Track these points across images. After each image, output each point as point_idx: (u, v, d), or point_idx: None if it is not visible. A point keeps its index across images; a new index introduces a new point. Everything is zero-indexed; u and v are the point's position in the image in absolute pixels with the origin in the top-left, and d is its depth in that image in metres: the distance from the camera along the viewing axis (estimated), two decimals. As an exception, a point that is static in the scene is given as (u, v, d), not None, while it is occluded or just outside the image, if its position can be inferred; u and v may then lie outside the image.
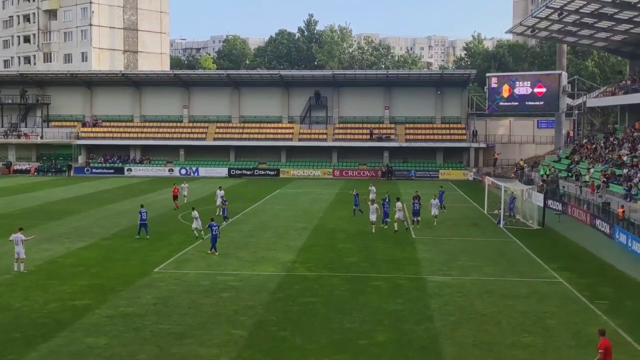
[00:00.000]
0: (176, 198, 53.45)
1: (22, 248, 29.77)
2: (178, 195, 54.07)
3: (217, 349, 20.18)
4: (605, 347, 16.62)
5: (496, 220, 45.62)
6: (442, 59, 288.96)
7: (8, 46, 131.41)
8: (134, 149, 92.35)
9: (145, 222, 39.02)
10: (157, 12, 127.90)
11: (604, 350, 16.59)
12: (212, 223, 35.00)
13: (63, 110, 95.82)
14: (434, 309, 24.54)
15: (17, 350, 19.85)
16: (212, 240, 34.41)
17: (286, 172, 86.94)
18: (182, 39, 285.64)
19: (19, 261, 29.89)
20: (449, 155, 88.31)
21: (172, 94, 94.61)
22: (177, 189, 54.61)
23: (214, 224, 34.95)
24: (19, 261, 29.89)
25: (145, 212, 39.50)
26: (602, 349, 16.60)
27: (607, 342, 16.84)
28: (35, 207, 53.63)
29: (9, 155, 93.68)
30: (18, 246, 29.73)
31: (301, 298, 25.85)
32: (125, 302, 25.13)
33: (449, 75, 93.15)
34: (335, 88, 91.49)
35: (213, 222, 35.16)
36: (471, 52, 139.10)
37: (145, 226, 39.01)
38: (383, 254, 34.95)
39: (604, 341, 16.81)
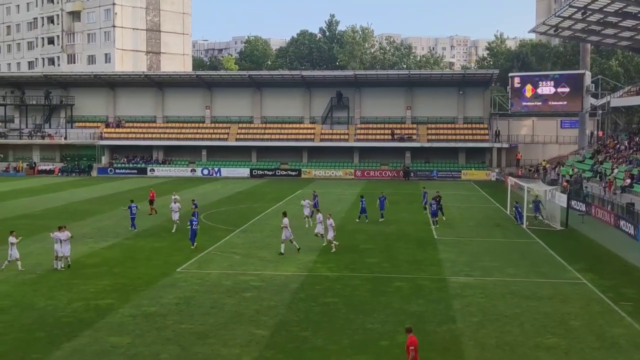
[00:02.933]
0: (152, 203, 49.67)
1: (60, 246, 30.07)
2: (154, 200, 50.38)
3: (239, 348, 20.23)
4: (415, 344, 16.65)
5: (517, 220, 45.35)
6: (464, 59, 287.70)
7: (32, 48, 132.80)
8: (157, 150, 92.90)
9: (135, 216, 41.84)
10: (180, 13, 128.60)
11: (414, 348, 16.59)
12: (192, 218, 36.29)
13: (86, 111, 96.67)
14: (456, 310, 24.42)
15: (42, 350, 20.03)
16: (191, 235, 35.68)
17: (308, 172, 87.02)
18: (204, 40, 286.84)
19: (59, 259, 30.20)
20: (471, 156, 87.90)
21: (195, 94, 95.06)
22: (154, 193, 51.53)
23: (194, 219, 36.16)
24: (59, 259, 30.20)
25: (135, 207, 42.14)
26: (413, 346, 16.59)
27: (415, 339, 16.84)
28: (59, 207, 54.10)
29: (34, 156, 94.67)
30: (57, 244, 29.99)
31: (323, 298, 25.85)
32: (148, 301, 25.27)
33: (472, 75, 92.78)
34: (356, 88, 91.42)
35: (194, 218, 36.39)
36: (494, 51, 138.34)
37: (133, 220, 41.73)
38: (404, 254, 34.85)
39: (412, 338, 16.82)
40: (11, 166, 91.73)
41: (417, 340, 16.87)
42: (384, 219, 46.57)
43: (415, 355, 16.57)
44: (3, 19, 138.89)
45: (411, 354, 16.58)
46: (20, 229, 41.49)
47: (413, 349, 16.56)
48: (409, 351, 16.66)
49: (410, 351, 16.59)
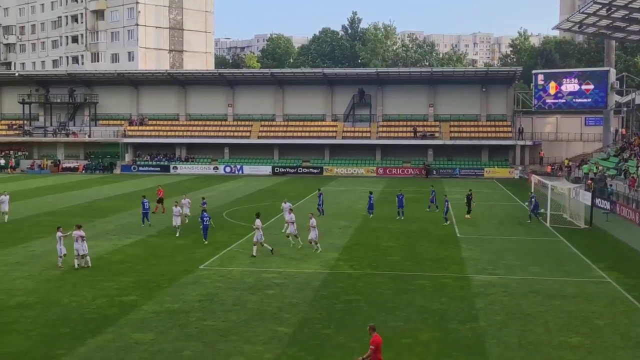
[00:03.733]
0: (161, 201, 48.86)
1: (80, 244, 30.18)
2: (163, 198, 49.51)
3: (261, 345, 20.29)
4: (376, 344, 16.42)
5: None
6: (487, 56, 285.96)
7: (57, 46, 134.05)
8: (180, 147, 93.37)
9: (147, 211, 42.76)
10: (202, 11, 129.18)
11: (375, 347, 16.43)
12: (203, 214, 37.29)
13: (110, 109, 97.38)
14: (479, 308, 24.31)
15: (66, 345, 20.21)
16: (203, 230, 36.66)
17: (329, 170, 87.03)
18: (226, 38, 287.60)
19: (79, 258, 30.33)
20: (494, 153, 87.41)
21: (217, 92, 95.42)
22: (162, 191, 50.98)
23: (205, 215, 37.19)
24: (79, 258, 30.33)
25: (147, 202, 43.32)
26: (373, 345, 16.43)
27: (379, 339, 16.67)
28: (83, 205, 54.54)
29: (58, 154, 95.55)
30: (77, 242, 30.15)
31: (345, 296, 25.84)
32: (171, 298, 25.41)
33: (495, 72, 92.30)
34: (379, 86, 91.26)
35: (205, 214, 37.40)
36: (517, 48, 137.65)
37: (147, 215, 42.68)
38: (427, 252, 34.76)
39: (375, 337, 16.65)
40: (36, 164, 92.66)
41: (380, 340, 16.68)
42: (404, 216, 46.44)
43: (372, 354, 16.44)
44: (28, 17, 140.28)
45: (369, 352, 16.51)
46: (45, 226, 42.01)
47: (373, 348, 16.44)
48: (370, 350, 16.56)
49: (370, 350, 16.49)
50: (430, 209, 49.66)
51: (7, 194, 45.09)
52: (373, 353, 16.45)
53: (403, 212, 46.85)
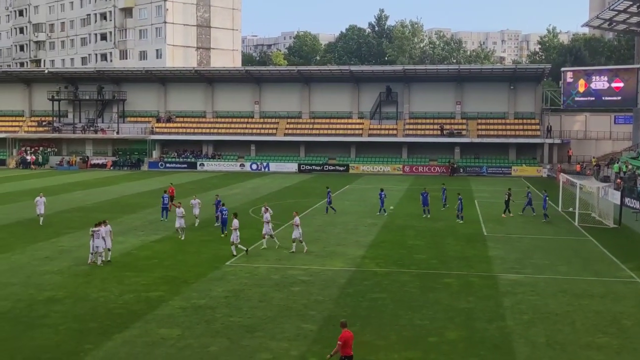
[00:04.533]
0: (172, 199, 47.43)
1: (101, 241, 30.27)
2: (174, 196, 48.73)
3: (287, 342, 20.31)
4: (344, 339, 16.52)
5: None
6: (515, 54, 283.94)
7: (86, 44, 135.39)
8: (207, 144, 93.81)
9: (166, 206, 43.68)
10: (230, 9, 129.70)
11: (343, 342, 16.48)
12: (222, 208, 38.80)
13: (138, 106, 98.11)
14: (506, 307, 24.14)
15: (94, 340, 20.39)
16: (222, 223, 38.03)
17: (356, 167, 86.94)
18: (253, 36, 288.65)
19: (96, 254, 30.44)
20: (522, 152, 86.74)
21: (244, 90, 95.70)
22: (174, 189, 50.11)
23: (224, 208, 38.66)
24: (96, 254, 30.44)
25: (167, 197, 44.65)
26: (341, 341, 16.50)
27: (348, 334, 16.70)
28: (111, 201, 55.04)
29: (86, 150, 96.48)
30: (98, 239, 30.22)
31: (371, 294, 25.80)
32: (198, 294, 25.54)
33: (523, 70, 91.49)
34: (405, 83, 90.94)
35: (223, 207, 38.87)
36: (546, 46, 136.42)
37: (166, 210, 43.54)
38: (454, 251, 34.59)
39: (344, 333, 16.68)
40: (65, 160, 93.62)
41: (350, 336, 16.75)
42: (431, 214, 46.24)
43: (339, 349, 16.55)
44: (57, 15, 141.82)
45: (337, 347, 16.60)
46: (74, 221, 42.52)
47: (340, 343, 16.55)
48: (337, 345, 16.65)
49: (338, 345, 16.59)
50: (445, 208, 49.16)
51: (43, 195, 43.50)
52: (341, 348, 16.55)
53: (429, 210, 46.66)
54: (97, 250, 30.34)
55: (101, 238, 30.24)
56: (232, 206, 50.55)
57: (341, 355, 16.69)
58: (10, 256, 32.38)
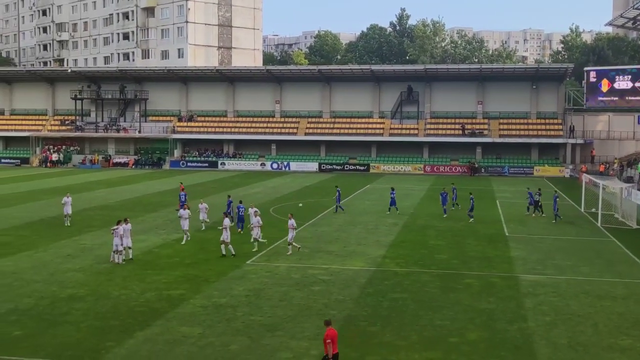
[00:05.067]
0: None
1: (119, 239, 30.42)
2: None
3: (307, 341, 20.33)
4: (331, 337, 16.56)
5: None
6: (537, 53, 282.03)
7: (108, 43, 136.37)
8: (228, 144, 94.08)
9: (184, 203, 42.60)
10: (251, 8, 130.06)
11: (331, 340, 16.51)
12: (239, 205, 39.50)
13: (160, 105, 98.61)
14: (527, 308, 24.00)
15: (116, 338, 20.54)
16: (239, 220, 38.73)
17: (376, 167, 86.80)
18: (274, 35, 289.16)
19: (118, 253, 30.63)
20: (545, 152, 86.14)
21: (265, 89, 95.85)
22: (183, 188, 49.79)
23: (241, 206, 39.44)
24: (118, 253, 30.63)
25: (184, 195, 45.64)
26: (329, 339, 16.53)
27: (333, 332, 16.70)
28: (133, 199, 55.37)
29: (109, 149, 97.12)
30: (117, 238, 30.44)
31: (391, 294, 25.75)
32: (219, 293, 25.63)
33: (545, 69, 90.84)
34: (427, 83, 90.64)
35: (240, 205, 39.56)
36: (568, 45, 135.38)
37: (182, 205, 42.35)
38: (475, 251, 34.43)
39: (329, 331, 16.68)
40: (87, 159, 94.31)
41: (335, 333, 16.76)
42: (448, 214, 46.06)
43: (332, 346, 16.54)
44: (80, 15, 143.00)
45: (328, 346, 16.59)
46: (96, 219, 42.82)
47: (329, 341, 16.54)
48: (325, 344, 16.64)
49: (327, 344, 16.57)
50: (455, 208, 48.78)
51: (70, 195, 42.91)
52: (331, 345, 16.58)
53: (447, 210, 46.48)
54: (117, 248, 30.56)
55: (119, 236, 30.43)
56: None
57: (325, 354, 16.73)
58: (34, 254, 32.70)
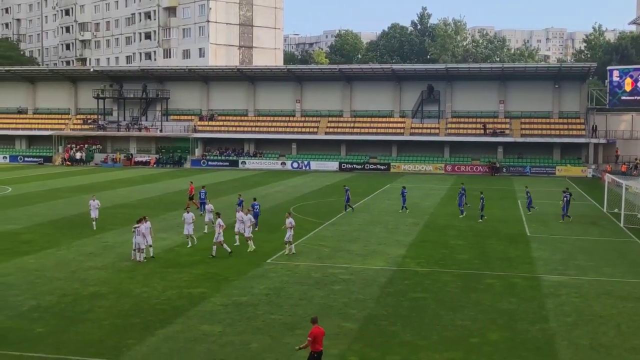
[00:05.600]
0: (191, 198, 47.88)
1: (141, 238, 30.58)
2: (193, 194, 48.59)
3: (327, 341, 20.19)
4: (314, 335, 16.60)
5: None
6: (560, 52, 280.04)
7: (130, 42, 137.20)
8: (248, 143, 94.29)
9: (203, 200, 44.37)
10: (272, 7, 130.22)
11: (312, 338, 16.57)
12: (254, 203, 39.67)
13: (181, 105, 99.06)
14: (549, 309, 23.84)
15: (137, 335, 20.66)
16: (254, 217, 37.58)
17: (397, 166, 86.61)
18: (295, 34, 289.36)
19: (139, 251, 30.75)
20: (567, 151, 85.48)
21: (285, 88, 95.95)
22: (193, 188, 49.64)
23: (256, 203, 39.72)
24: (139, 251, 30.75)
25: (205, 192, 46.17)
26: (311, 337, 16.61)
27: (318, 330, 16.73)
28: (155, 198, 55.65)
29: (130, 148, 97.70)
30: (139, 236, 30.58)
31: (412, 293, 25.68)
32: (239, 291, 25.70)
33: (568, 68, 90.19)
34: (448, 82, 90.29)
35: (255, 202, 39.85)
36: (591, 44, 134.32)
37: (204, 205, 43.35)
38: (496, 251, 34.25)
39: (314, 329, 16.72)
40: (109, 157, 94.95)
41: (320, 332, 16.79)
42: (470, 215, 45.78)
43: (308, 345, 16.65)
44: (103, 15, 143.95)
45: (307, 343, 16.73)
46: (118, 218, 43.07)
47: (310, 339, 16.63)
48: (307, 341, 16.75)
49: (308, 341, 16.69)
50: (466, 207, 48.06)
51: (96, 198, 41.30)
52: (310, 344, 16.66)
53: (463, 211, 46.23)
54: (139, 247, 30.71)
55: (141, 235, 30.59)
56: (273, 204, 50.90)
57: (311, 351, 16.78)
58: (56, 251, 32.98)
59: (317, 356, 16.70)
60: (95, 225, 39.40)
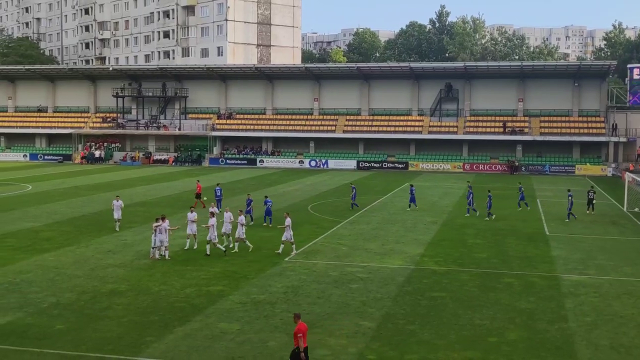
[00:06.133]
0: (199, 197, 48.40)
1: (165, 236, 30.79)
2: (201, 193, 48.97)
3: (345, 339, 20.31)
4: (302, 332, 16.81)
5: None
6: (579, 50, 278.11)
7: (149, 41, 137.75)
8: (266, 141, 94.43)
9: (220, 198, 45.93)
10: (290, 6, 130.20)
11: (302, 335, 16.76)
12: (266, 199, 41.10)
13: (199, 103, 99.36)
14: (568, 308, 23.68)
15: (155, 333, 20.75)
16: (266, 213, 40.10)
17: (415, 165, 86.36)
18: (313, 33, 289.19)
19: (159, 248, 30.89)
20: (586, 150, 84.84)
21: (303, 87, 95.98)
22: (201, 187, 49.91)
23: (268, 200, 41.01)
24: (159, 248, 30.89)
25: (220, 190, 47.04)
26: (301, 333, 16.77)
27: (303, 326, 16.95)
28: (173, 196, 55.86)
29: (149, 146, 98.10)
30: (161, 234, 30.70)
31: (430, 292, 25.61)
32: (257, 289, 25.75)
33: (588, 66, 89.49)
34: (466, 80, 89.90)
35: (267, 199, 41.15)
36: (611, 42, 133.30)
37: (220, 202, 45.05)
38: (515, 250, 34.07)
39: (300, 325, 16.89)
40: (128, 155, 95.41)
41: (305, 328, 16.90)
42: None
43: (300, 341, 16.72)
44: (122, 14, 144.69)
45: (299, 340, 16.76)
46: (137, 216, 43.28)
47: (300, 335, 16.70)
48: (296, 338, 16.80)
49: (298, 338, 16.73)
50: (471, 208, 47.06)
51: (120, 198, 40.55)
52: (300, 340, 16.76)
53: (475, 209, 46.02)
54: (162, 244, 30.84)
55: (165, 232, 30.75)
56: (291, 203, 50.93)
57: (295, 347, 16.85)
58: (76, 249, 33.19)
59: (300, 352, 16.83)
60: (118, 227, 38.54)
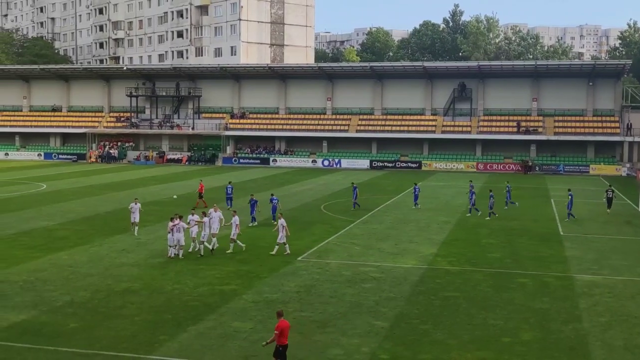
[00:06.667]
0: (201, 196, 48.16)
1: (182, 235, 30.89)
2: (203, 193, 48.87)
3: (358, 338, 20.31)
4: (280, 329, 16.89)
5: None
6: (594, 49, 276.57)
7: (163, 41, 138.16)
8: (279, 140, 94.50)
9: (230, 196, 46.04)
10: (303, 5, 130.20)
11: (279, 332, 16.85)
12: (272, 197, 41.46)
13: (213, 102, 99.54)
14: (582, 309, 23.58)
15: (169, 331, 20.83)
16: (273, 211, 40.45)
17: (428, 164, 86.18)
18: (326, 32, 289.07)
19: (177, 247, 31.01)
20: (601, 150, 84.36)
21: (316, 86, 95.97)
22: (203, 186, 50.23)
23: (274, 198, 41.36)
24: (177, 247, 31.01)
25: (231, 188, 47.08)
26: (277, 330, 16.89)
27: (284, 324, 17.01)
28: (186, 195, 55.95)
29: (163, 145, 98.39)
30: (179, 233, 30.77)
31: (443, 292, 25.56)
32: (270, 288, 25.79)
33: (602, 65, 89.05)
34: (480, 79, 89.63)
35: (273, 197, 41.48)
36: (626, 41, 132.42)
37: (230, 200, 45.72)
38: (528, 250, 33.95)
39: (281, 322, 16.98)
40: (142, 155, 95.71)
41: (286, 325, 17.00)
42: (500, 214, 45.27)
43: (275, 338, 16.86)
44: (135, 13, 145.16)
45: (274, 336, 16.94)
46: (150, 214, 43.37)
47: (277, 333, 16.85)
48: (274, 334, 16.97)
49: (275, 334, 16.90)
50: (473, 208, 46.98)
51: (139, 201, 39.06)
52: (277, 337, 16.86)
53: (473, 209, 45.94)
54: (179, 243, 30.98)
55: (182, 231, 30.87)
56: (304, 202, 50.99)
57: (277, 345, 16.92)
58: (90, 248, 33.35)
59: (282, 350, 16.91)
60: (136, 231, 36.98)
